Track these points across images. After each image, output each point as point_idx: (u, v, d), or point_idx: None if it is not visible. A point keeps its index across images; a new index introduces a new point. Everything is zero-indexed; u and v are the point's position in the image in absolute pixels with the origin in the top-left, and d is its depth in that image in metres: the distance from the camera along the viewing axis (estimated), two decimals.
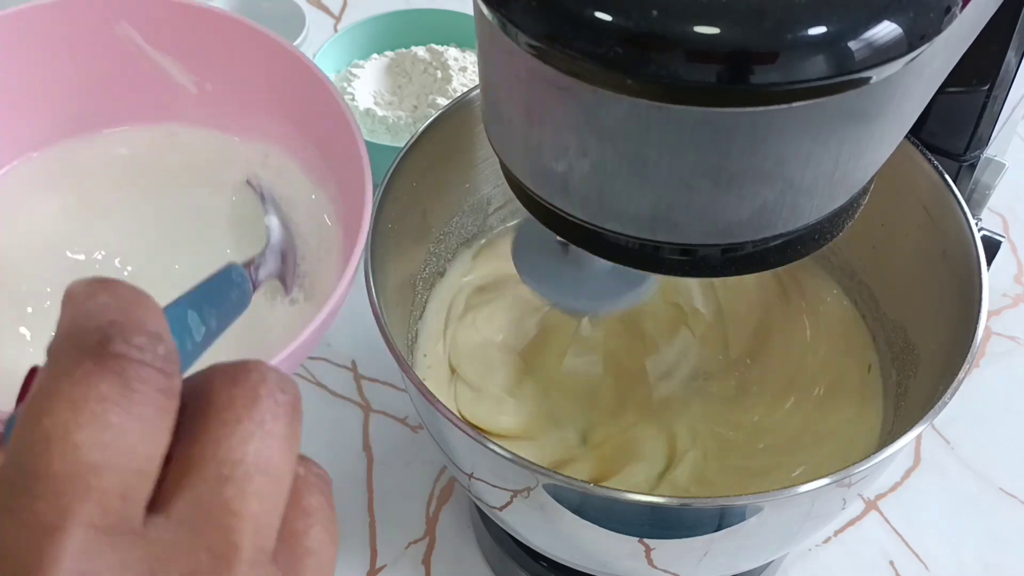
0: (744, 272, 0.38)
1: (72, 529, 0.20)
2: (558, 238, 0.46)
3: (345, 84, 0.82)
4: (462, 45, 0.85)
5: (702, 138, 0.32)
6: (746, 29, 0.29)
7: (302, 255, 0.56)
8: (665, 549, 0.48)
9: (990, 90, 0.52)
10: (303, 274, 0.56)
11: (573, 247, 0.46)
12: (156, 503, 0.22)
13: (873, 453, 0.43)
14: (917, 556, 0.65)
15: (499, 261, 0.64)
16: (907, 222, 0.55)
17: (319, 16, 1.01)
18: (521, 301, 0.63)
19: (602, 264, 0.47)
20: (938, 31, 0.32)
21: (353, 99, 0.80)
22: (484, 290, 0.63)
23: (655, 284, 0.48)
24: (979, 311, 0.47)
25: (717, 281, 0.62)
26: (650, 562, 0.48)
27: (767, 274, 0.51)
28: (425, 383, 0.45)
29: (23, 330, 0.55)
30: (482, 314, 0.62)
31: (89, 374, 0.21)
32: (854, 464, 0.42)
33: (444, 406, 0.44)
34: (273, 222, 0.54)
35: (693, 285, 0.63)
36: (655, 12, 0.30)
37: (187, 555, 0.22)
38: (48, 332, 0.31)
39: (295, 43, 0.85)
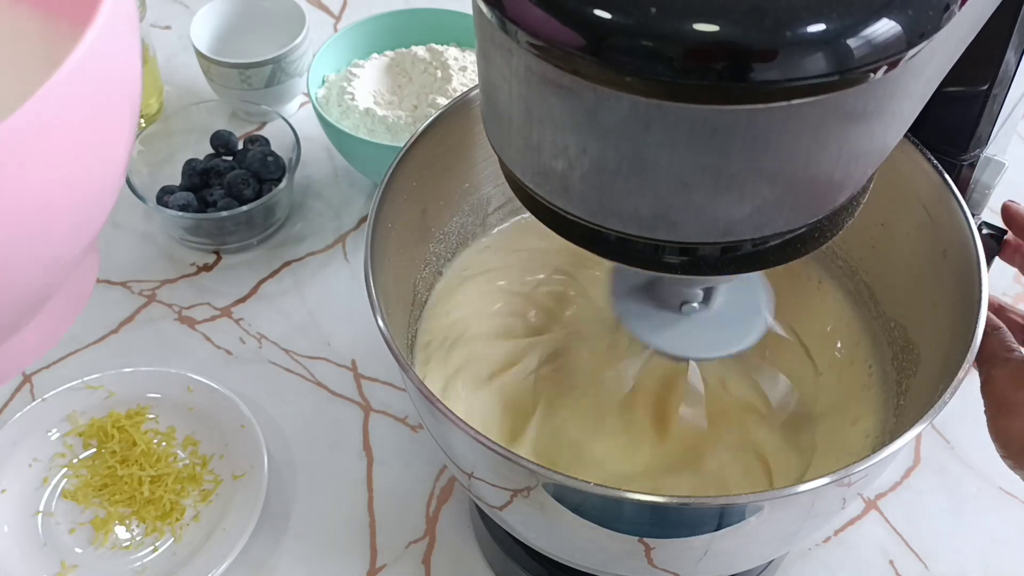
0: (744, 271, 0.38)
1: None
2: (682, 302, 0.48)
3: (345, 84, 0.82)
4: (462, 45, 0.85)
5: (702, 136, 0.32)
6: (746, 26, 0.29)
7: None
8: (665, 549, 0.48)
9: (989, 89, 0.52)
10: None
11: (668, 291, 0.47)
12: None
13: (873, 453, 0.43)
14: (917, 556, 0.65)
15: (496, 260, 0.64)
16: (907, 222, 0.55)
17: (319, 16, 1.02)
18: (516, 303, 0.63)
19: (714, 308, 0.48)
20: (937, 29, 0.32)
21: (353, 99, 0.80)
22: (483, 290, 0.63)
23: (770, 320, 0.49)
24: (979, 311, 0.47)
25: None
26: (650, 562, 0.48)
27: (766, 273, 0.51)
28: (425, 383, 0.45)
29: None
30: (479, 314, 0.62)
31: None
32: (854, 464, 0.42)
33: (444, 406, 0.44)
34: None
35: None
36: (654, 10, 0.30)
37: None
38: None
39: (295, 43, 0.86)
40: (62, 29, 0.44)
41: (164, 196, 0.79)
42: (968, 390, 0.47)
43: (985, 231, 0.54)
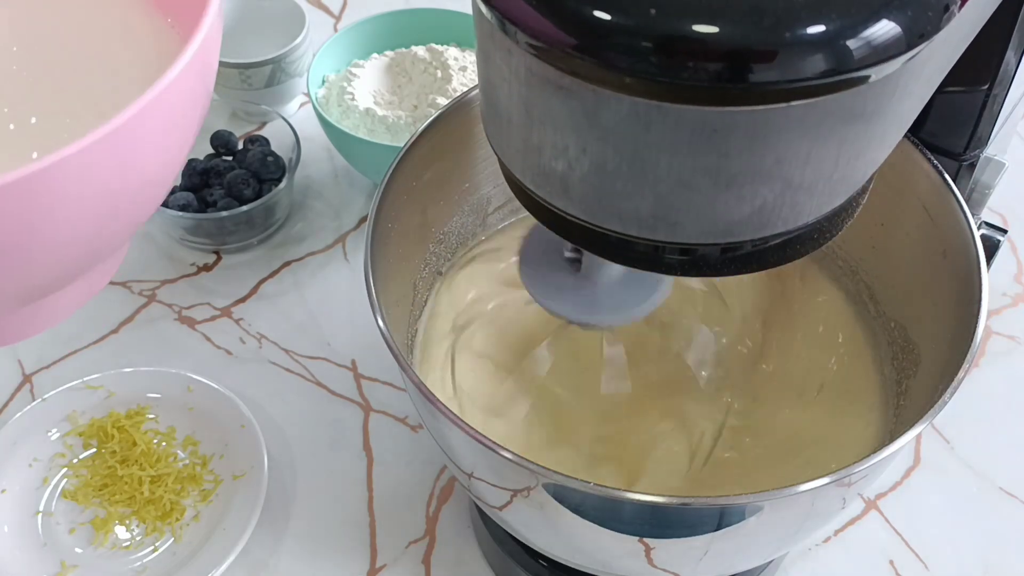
0: (744, 271, 0.38)
1: None
2: (567, 253, 0.47)
3: (345, 84, 0.82)
4: (462, 45, 0.85)
5: (701, 137, 0.32)
6: (745, 28, 0.29)
7: None
8: (665, 549, 0.48)
9: (990, 89, 0.52)
10: None
11: (584, 260, 0.47)
12: None
13: (873, 453, 0.43)
14: (917, 556, 0.65)
15: (496, 258, 0.64)
16: (907, 222, 0.55)
17: (319, 16, 1.02)
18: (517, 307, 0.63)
19: (612, 275, 0.47)
20: (937, 30, 0.32)
21: (353, 99, 0.80)
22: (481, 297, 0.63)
23: (667, 291, 0.48)
24: (979, 310, 0.47)
25: (718, 283, 0.62)
26: (650, 562, 0.48)
27: (767, 274, 0.51)
28: (425, 383, 0.45)
29: None
30: (479, 321, 0.62)
31: None
32: (854, 463, 0.42)
33: (444, 406, 0.44)
34: None
35: (695, 285, 0.63)
36: (654, 11, 0.30)
37: None
38: None
39: (295, 43, 0.86)
40: (164, 23, 0.47)
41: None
42: (968, 390, 0.47)
43: (984, 231, 0.54)
